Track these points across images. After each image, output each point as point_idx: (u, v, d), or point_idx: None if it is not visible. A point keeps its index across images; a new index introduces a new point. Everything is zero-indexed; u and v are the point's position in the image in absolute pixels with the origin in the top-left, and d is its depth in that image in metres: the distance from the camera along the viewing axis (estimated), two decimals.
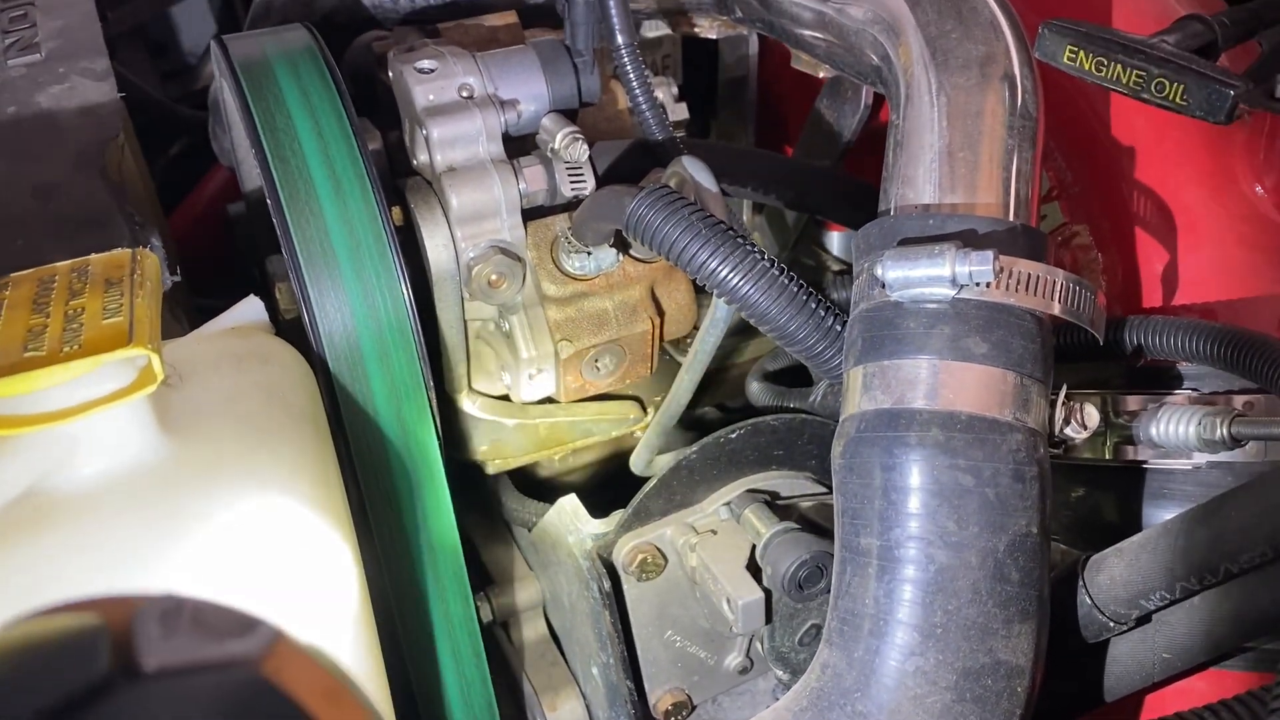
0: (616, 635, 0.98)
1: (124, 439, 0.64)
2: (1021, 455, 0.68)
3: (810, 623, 0.98)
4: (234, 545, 0.65)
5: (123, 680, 0.33)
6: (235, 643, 0.35)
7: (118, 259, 0.69)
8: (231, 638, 0.35)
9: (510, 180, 0.92)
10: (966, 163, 0.74)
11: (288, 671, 0.35)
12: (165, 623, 0.35)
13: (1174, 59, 0.70)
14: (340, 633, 0.69)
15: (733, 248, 0.78)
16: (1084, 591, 0.74)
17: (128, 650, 0.34)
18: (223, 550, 0.64)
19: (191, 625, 0.35)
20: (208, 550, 0.64)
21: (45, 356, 0.59)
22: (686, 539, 0.98)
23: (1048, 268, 0.70)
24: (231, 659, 0.34)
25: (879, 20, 0.83)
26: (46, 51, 1.00)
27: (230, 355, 0.75)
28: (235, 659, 0.35)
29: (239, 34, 0.97)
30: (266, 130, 0.86)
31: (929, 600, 0.67)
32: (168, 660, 0.34)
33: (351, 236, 0.85)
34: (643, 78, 0.95)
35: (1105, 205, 0.93)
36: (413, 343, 0.87)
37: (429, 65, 0.93)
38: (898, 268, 0.70)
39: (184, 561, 0.63)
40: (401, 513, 0.90)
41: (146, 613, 0.35)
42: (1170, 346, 0.80)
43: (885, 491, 0.69)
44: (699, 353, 0.92)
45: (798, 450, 1.01)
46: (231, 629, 0.35)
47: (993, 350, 0.69)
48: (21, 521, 0.61)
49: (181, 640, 0.34)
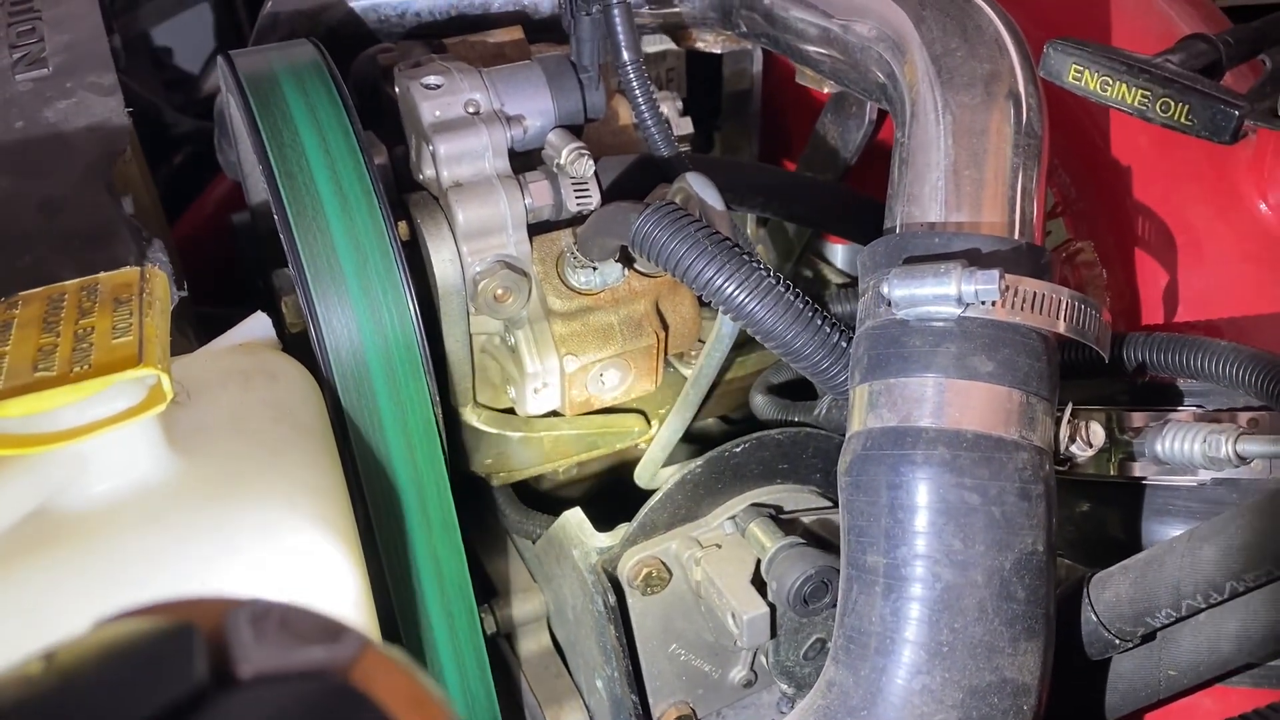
0: (621, 649, 0.98)
1: (133, 458, 0.64)
2: (1027, 474, 0.69)
3: (815, 637, 0.98)
4: (241, 564, 0.65)
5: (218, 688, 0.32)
6: (325, 649, 0.34)
7: (126, 277, 0.69)
8: (320, 644, 0.34)
9: (516, 196, 0.93)
10: (972, 181, 0.74)
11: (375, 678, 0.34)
12: (257, 627, 0.34)
13: (1179, 79, 0.70)
14: None
15: (738, 264, 0.78)
16: (1089, 609, 0.74)
17: (222, 656, 0.33)
18: (230, 568, 0.64)
19: (281, 630, 0.34)
20: (216, 569, 0.64)
21: (55, 377, 0.59)
22: (691, 553, 0.98)
23: (1053, 286, 0.71)
24: (322, 665, 0.33)
25: (884, 37, 0.83)
26: (54, 66, 1.01)
27: (238, 372, 0.76)
28: (326, 665, 0.33)
29: (246, 49, 0.97)
30: (273, 146, 0.86)
31: (935, 619, 0.67)
32: (262, 666, 0.33)
33: (358, 252, 0.86)
34: (648, 93, 0.95)
35: (1110, 222, 0.93)
36: (419, 358, 0.88)
37: (435, 81, 0.94)
38: (904, 286, 0.70)
39: (192, 580, 0.64)
40: (407, 527, 0.90)
41: (239, 615, 0.34)
42: (1175, 363, 0.80)
43: (892, 509, 0.69)
44: (704, 368, 0.92)
45: (802, 464, 1.01)
46: (320, 635, 0.34)
47: (998, 369, 0.69)
48: (32, 540, 0.62)
49: (273, 646, 0.33)
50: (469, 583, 0.95)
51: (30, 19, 1.06)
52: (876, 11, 0.84)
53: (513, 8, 1.12)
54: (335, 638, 0.34)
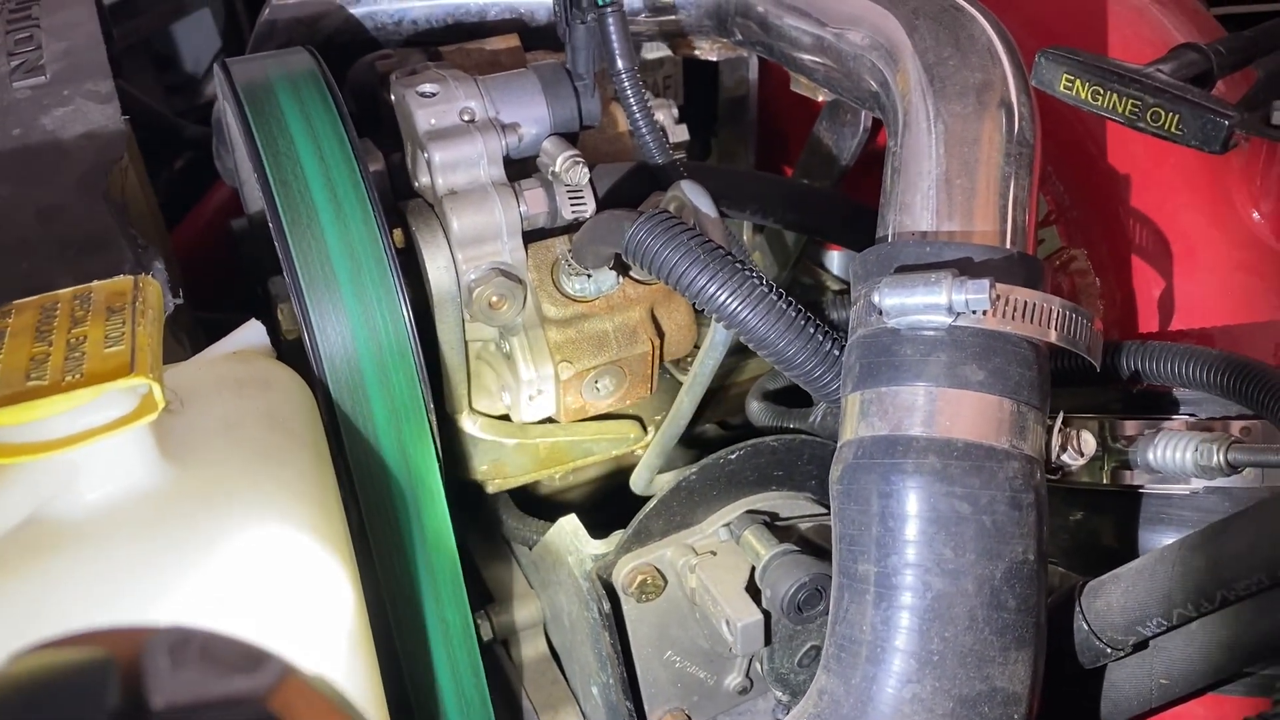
0: (616, 656, 0.98)
1: (125, 466, 0.65)
2: (1018, 483, 0.69)
3: (810, 644, 0.98)
4: (234, 572, 0.65)
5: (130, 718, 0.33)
6: (244, 678, 0.34)
7: (120, 286, 0.69)
8: (240, 672, 0.34)
9: (511, 203, 0.93)
10: (964, 190, 0.74)
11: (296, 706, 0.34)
12: (174, 656, 0.33)
13: (1169, 88, 0.71)
14: (338, 658, 0.70)
15: (730, 273, 0.78)
16: (1081, 617, 0.74)
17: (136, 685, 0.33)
18: (223, 577, 0.65)
19: (200, 659, 0.34)
20: (208, 577, 0.64)
21: (47, 386, 0.59)
22: (686, 560, 0.98)
23: (1044, 295, 0.71)
24: (240, 695, 0.33)
25: (877, 46, 0.83)
26: (51, 74, 1.01)
27: (231, 380, 0.76)
28: (244, 695, 0.33)
29: (242, 57, 0.98)
30: (269, 153, 0.86)
31: (926, 627, 0.67)
32: (176, 697, 0.33)
33: (352, 260, 0.86)
34: (643, 102, 0.96)
35: (1103, 230, 0.93)
36: (413, 365, 0.88)
37: (431, 89, 0.94)
38: (895, 295, 0.70)
39: (184, 588, 0.64)
40: (401, 534, 0.91)
41: (155, 646, 0.34)
42: (1167, 372, 0.80)
43: (883, 518, 0.69)
44: (698, 375, 0.92)
45: (797, 471, 1.01)
46: (240, 663, 0.34)
47: (989, 378, 0.69)
48: (24, 549, 0.62)
49: (190, 675, 0.33)
50: (464, 589, 0.95)
51: (28, 27, 1.07)
52: (870, 20, 0.85)
53: (509, 15, 1.12)
54: (256, 666, 0.34)
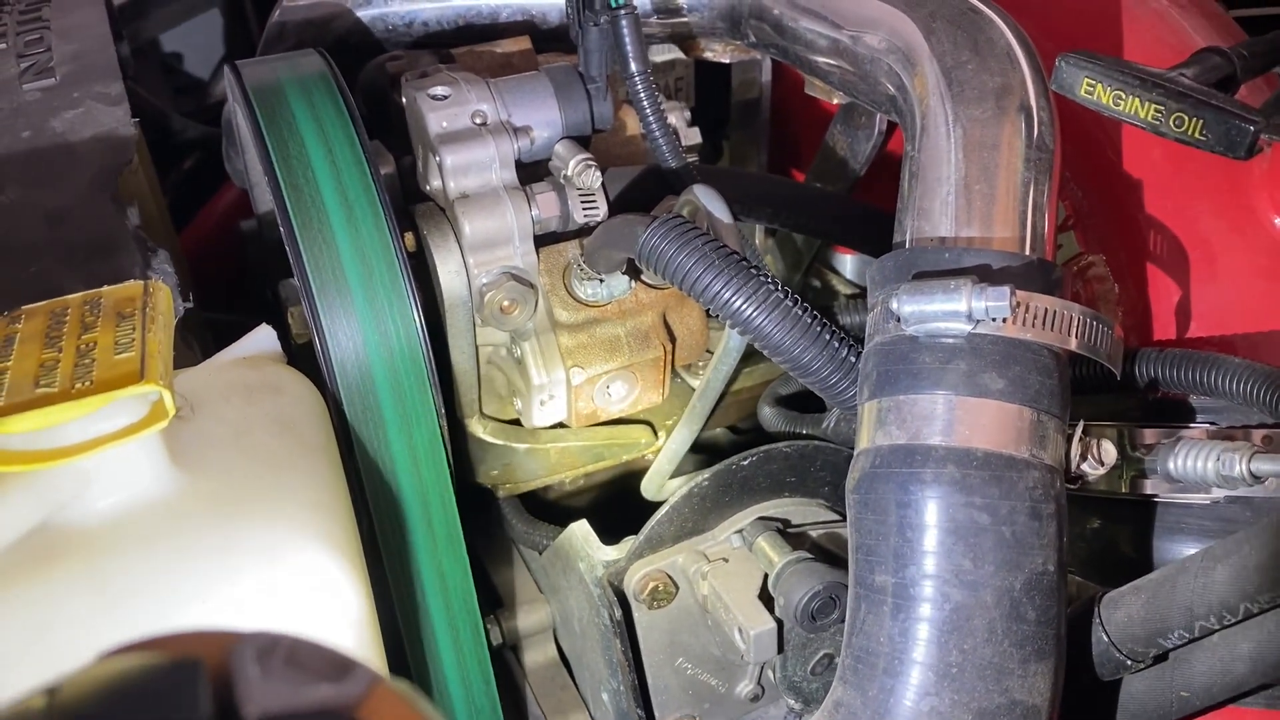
0: (627, 663, 0.97)
1: (136, 473, 0.64)
2: (1038, 493, 0.68)
3: (823, 652, 0.97)
4: (245, 580, 0.64)
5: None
6: (333, 686, 0.32)
7: (130, 291, 0.69)
8: (329, 680, 0.32)
9: (523, 207, 0.92)
10: (983, 196, 0.74)
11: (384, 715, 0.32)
12: (263, 662, 0.33)
13: (1193, 93, 0.70)
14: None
15: (745, 278, 0.77)
16: (1101, 629, 0.73)
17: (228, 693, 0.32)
18: (233, 585, 0.64)
19: (288, 665, 0.33)
20: (219, 585, 0.64)
21: (57, 393, 0.59)
22: (698, 567, 0.97)
23: (1064, 302, 0.70)
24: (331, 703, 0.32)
25: (894, 50, 0.83)
26: (61, 76, 1.00)
27: (242, 386, 0.75)
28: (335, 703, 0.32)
29: (253, 59, 0.97)
30: (280, 157, 0.86)
31: (944, 639, 0.66)
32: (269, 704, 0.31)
33: (364, 265, 0.85)
34: (656, 105, 0.95)
35: (1122, 235, 0.92)
36: (424, 370, 0.87)
37: (442, 92, 0.93)
38: (913, 302, 0.69)
39: (195, 595, 0.63)
40: (412, 540, 0.90)
41: (244, 650, 0.32)
42: (1188, 380, 0.79)
43: (900, 529, 0.68)
44: (711, 381, 0.91)
45: (810, 477, 1.00)
46: (329, 670, 0.32)
47: (1009, 386, 0.68)
48: (35, 557, 0.61)
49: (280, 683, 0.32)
50: (474, 596, 0.95)
51: (38, 29, 1.06)
52: (887, 23, 0.84)
53: (520, 18, 1.11)
54: (344, 674, 0.33)
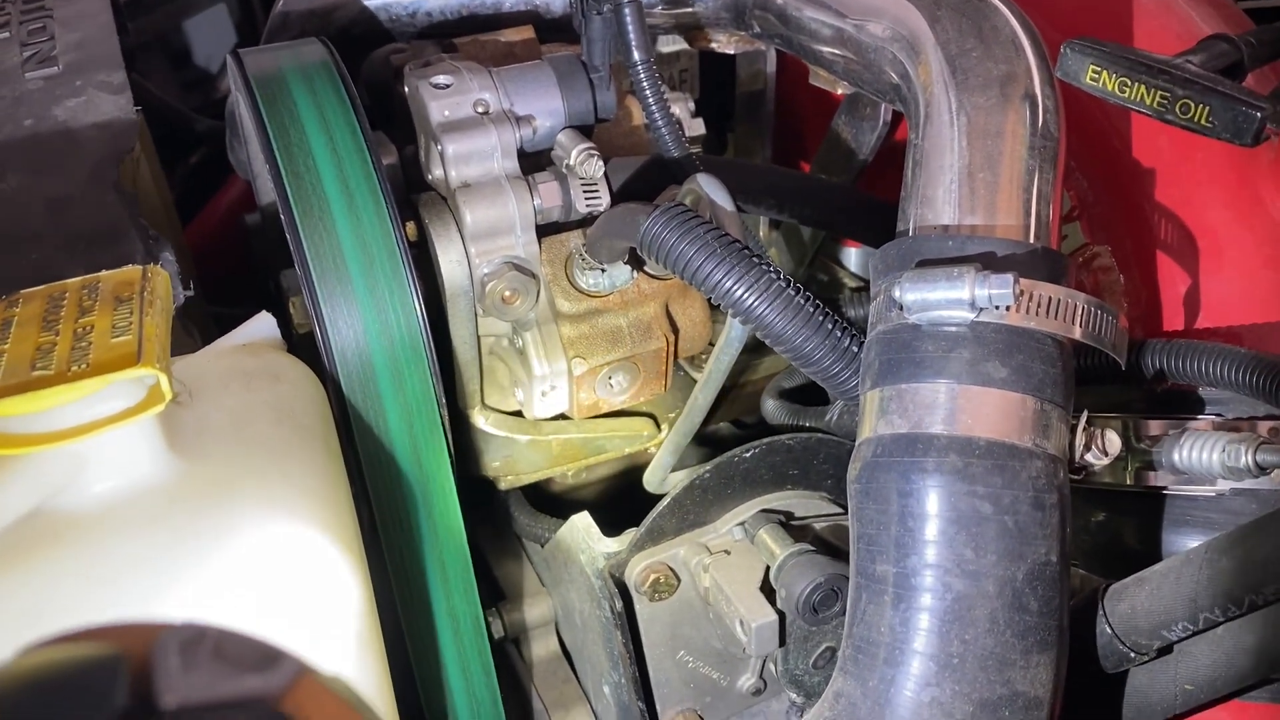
0: (628, 655, 0.97)
1: (132, 458, 0.64)
2: (1041, 482, 0.67)
3: (825, 645, 0.97)
4: (241, 568, 0.64)
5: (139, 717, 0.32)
6: (257, 677, 0.33)
7: (128, 276, 0.68)
8: (254, 672, 0.33)
9: (525, 197, 0.92)
10: (986, 184, 0.73)
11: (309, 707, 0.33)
12: (186, 654, 0.33)
13: (1199, 80, 0.69)
14: (347, 656, 0.69)
15: (748, 267, 0.77)
16: (1104, 620, 0.72)
17: (146, 684, 0.32)
18: (230, 572, 0.64)
19: (213, 657, 0.33)
20: (215, 572, 0.63)
21: (53, 375, 0.58)
22: (700, 559, 0.97)
23: (1069, 291, 0.69)
24: (253, 695, 0.33)
25: (898, 38, 0.82)
26: (64, 64, 1.00)
27: (241, 373, 0.75)
28: (257, 695, 0.33)
29: (255, 48, 0.97)
30: (280, 146, 0.86)
31: (946, 629, 0.66)
32: (187, 697, 0.32)
33: (365, 253, 0.85)
34: (659, 94, 0.94)
35: (1128, 226, 0.92)
36: (425, 360, 0.87)
37: (445, 80, 0.93)
38: (916, 290, 0.69)
39: (190, 583, 0.63)
40: (413, 531, 0.90)
41: (167, 643, 0.33)
42: (1194, 371, 0.78)
43: (902, 518, 0.68)
44: (713, 371, 0.91)
45: (813, 470, 0.99)
46: (254, 662, 0.33)
47: (1012, 375, 0.68)
48: (29, 541, 0.61)
49: (202, 674, 0.33)
50: (474, 587, 0.94)
51: (41, 17, 1.06)
52: (891, 12, 0.83)
53: (524, 7, 1.11)
54: (270, 665, 0.33)
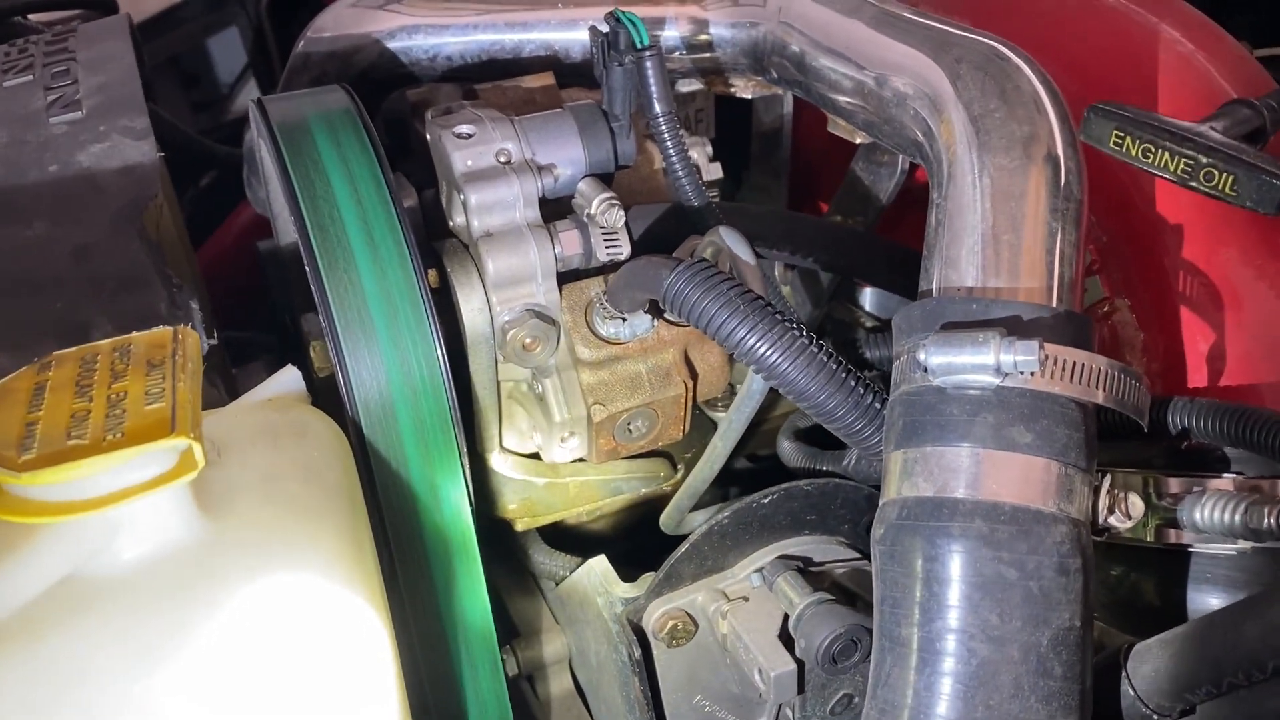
0: (645, 701, 0.97)
1: (164, 523, 0.64)
2: (1066, 548, 0.67)
3: (842, 692, 0.97)
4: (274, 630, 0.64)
5: None
6: None
7: (159, 338, 0.69)
8: None
9: (546, 245, 0.92)
10: (1010, 246, 0.73)
11: None
12: None
13: (1223, 148, 0.69)
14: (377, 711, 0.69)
15: (770, 324, 0.77)
16: (1127, 682, 0.73)
17: None
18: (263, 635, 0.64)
19: None
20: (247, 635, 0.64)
21: (89, 445, 0.59)
22: (718, 605, 0.97)
23: (1092, 355, 0.70)
24: None
25: (920, 95, 0.82)
26: (87, 109, 1.01)
27: (268, 430, 0.75)
28: None
29: (278, 95, 0.98)
30: (305, 198, 0.86)
31: (970, 694, 0.66)
32: None
33: (389, 304, 0.85)
34: (679, 145, 0.95)
35: (1148, 280, 0.92)
36: (447, 410, 0.87)
37: (467, 130, 0.93)
38: (941, 353, 0.69)
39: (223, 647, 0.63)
40: (433, 579, 0.90)
41: None
42: (1213, 430, 0.79)
43: (927, 582, 0.68)
44: (733, 422, 0.91)
45: (830, 515, 1.00)
46: None
47: (1037, 440, 0.68)
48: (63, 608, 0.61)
49: None
50: (493, 633, 0.94)
51: (65, 60, 1.07)
52: (911, 68, 0.84)
53: (544, 53, 1.12)
54: None
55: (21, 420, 0.61)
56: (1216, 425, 0.78)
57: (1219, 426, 0.78)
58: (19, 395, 0.64)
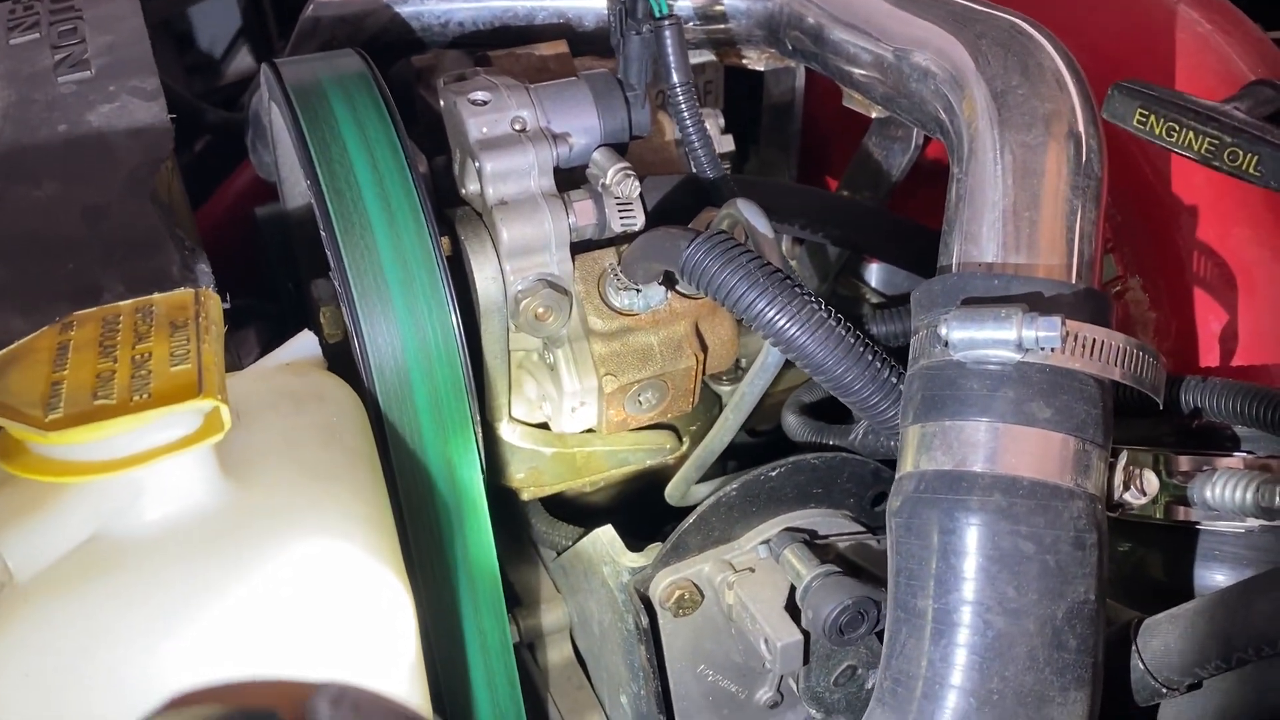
0: (651, 669, 0.98)
1: (188, 485, 0.64)
2: (1082, 522, 0.68)
3: (846, 663, 0.98)
4: (297, 592, 0.64)
5: None
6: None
7: (180, 300, 0.69)
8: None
9: (560, 215, 0.92)
10: (1030, 222, 0.74)
11: None
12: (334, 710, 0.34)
13: (1248, 128, 0.70)
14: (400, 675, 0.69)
15: (790, 297, 0.77)
16: (1137, 656, 0.74)
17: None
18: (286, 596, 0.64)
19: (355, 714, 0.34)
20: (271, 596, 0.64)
21: (116, 405, 0.59)
22: (724, 576, 0.98)
23: (1111, 333, 0.70)
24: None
25: (942, 70, 0.82)
26: (96, 69, 1.00)
27: (287, 394, 0.75)
28: None
29: (291, 59, 0.97)
30: (321, 163, 0.85)
31: (985, 666, 0.67)
32: None
33: (404, 270, 0.85)
34: (696, 116, 0.95)
35: (1162, 260, 0.93)
36: (460, 376, 0.87)
37: (483, 97, 0.93)
38: (963, 328, 0.69)
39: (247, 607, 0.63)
40: (443, 542, 0.90)
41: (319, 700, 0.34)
42: (1226, 409, 0.79)
43: (944, 554, 0.69)
44: (746, 395, 0.91)
45: (836, 488, 1.00)
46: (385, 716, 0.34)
47: (1056, 415, 0.69)
48: (87, 568, 0.61)
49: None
50: (502, 600, 0.95)
51: (71, 18, 1.05)
52: (933, 43, 0.84)
53: (557, 20, 1.11)
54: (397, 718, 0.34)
55: (46, 379, 0.61)
56: (1229, 404, 0.79)
57: (1231, 405, 0.79)
58: (41, 354, 0.64)
